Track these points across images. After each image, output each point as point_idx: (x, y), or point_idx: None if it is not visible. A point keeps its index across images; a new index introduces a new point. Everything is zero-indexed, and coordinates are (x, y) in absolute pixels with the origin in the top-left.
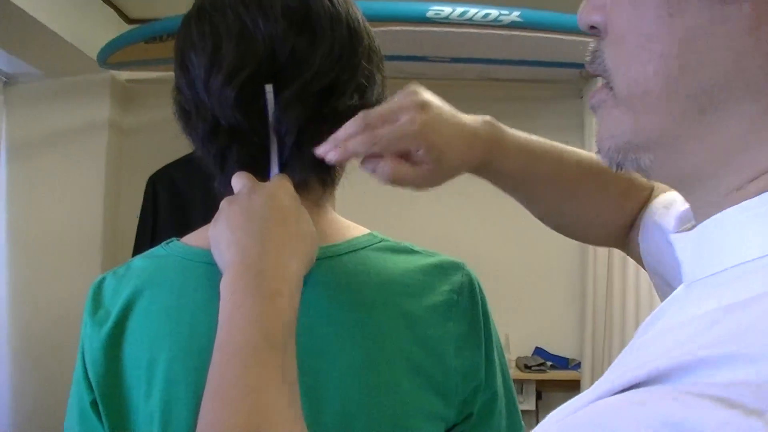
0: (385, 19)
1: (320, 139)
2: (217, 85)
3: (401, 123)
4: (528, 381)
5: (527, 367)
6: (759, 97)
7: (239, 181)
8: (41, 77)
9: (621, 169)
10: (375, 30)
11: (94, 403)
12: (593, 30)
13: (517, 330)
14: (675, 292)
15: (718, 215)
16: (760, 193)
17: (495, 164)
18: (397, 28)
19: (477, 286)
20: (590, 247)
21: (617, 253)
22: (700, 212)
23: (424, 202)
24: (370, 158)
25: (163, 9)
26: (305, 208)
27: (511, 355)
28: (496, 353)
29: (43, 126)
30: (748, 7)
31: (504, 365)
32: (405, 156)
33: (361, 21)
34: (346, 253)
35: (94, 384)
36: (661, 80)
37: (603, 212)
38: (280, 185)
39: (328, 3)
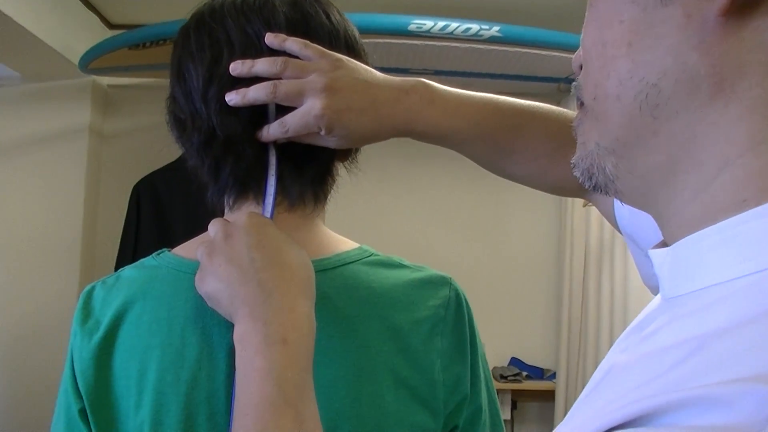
0: (368, 32)
1: (317, 152)
2: (214, 94)
3: (304, 110)
4: (504, 391)
5: (503, 377)
6: (699, 91)
7: (210, 227)
8: (21, 80)
9: (593, 184)
10: None
11: (82, 412)
12: (581, 70)
13: (493, 340)
14: (652, 305)
15: (696, 235)
16: (728, 197)
17: (418, 128)
18: (380, 40)
19: (464, 301)
20: (567, 258)
21: (593, 265)
22: (669, 222)
23: (400, 212)
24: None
25: (146, 15)
26: (300, 223)
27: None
28: (481, 367)
29: (23, 129)
30: (679, 9)
31: (489, 379)
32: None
33: (358, 39)
34: (335, 267)
35: (83, 393)
36: (613, 80)
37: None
38: (250, 218)
39: (326, 20)
